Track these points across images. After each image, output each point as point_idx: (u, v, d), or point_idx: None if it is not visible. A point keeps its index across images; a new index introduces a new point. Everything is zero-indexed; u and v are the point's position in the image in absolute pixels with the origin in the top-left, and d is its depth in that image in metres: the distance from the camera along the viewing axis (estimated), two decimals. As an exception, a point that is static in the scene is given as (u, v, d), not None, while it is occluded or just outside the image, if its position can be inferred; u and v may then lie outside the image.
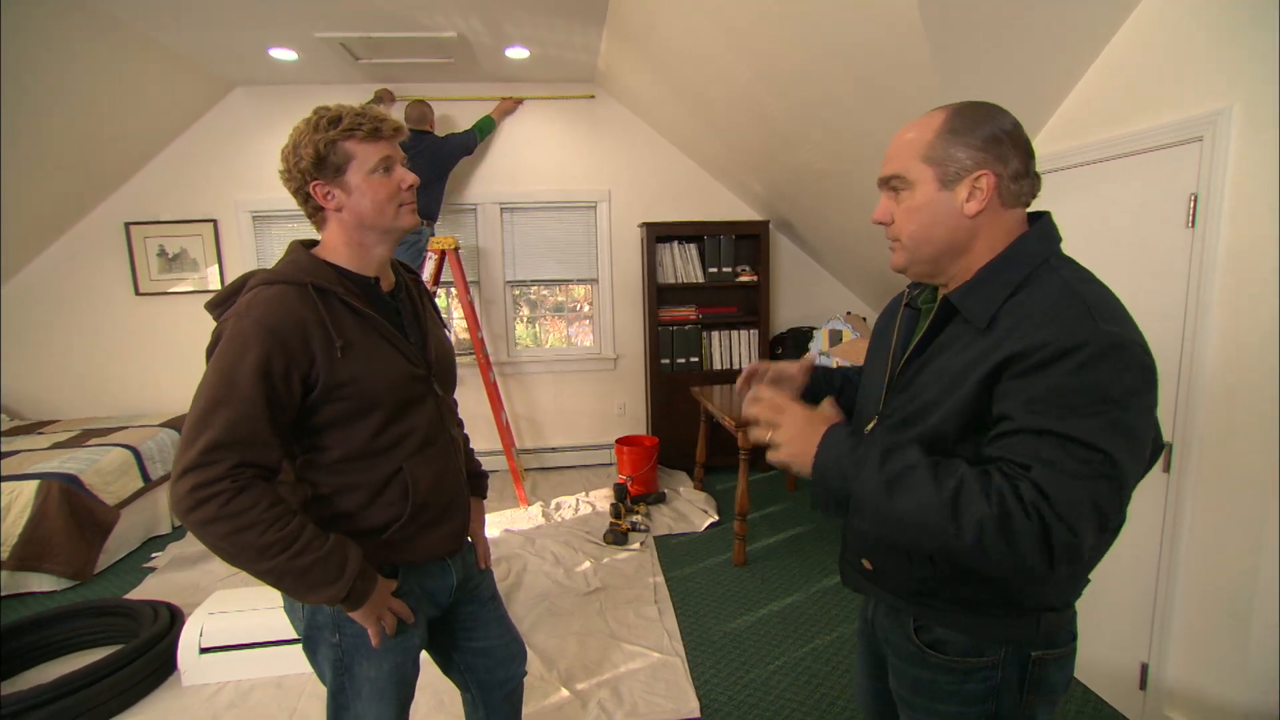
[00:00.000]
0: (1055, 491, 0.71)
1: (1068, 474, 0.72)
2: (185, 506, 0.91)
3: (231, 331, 0.96)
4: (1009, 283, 0.84)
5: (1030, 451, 0.74)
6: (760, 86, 2.80)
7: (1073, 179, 2.02)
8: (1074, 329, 0.75)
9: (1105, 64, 1.92)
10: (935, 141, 0.87)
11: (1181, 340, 1.68)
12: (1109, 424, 0.73)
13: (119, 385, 4.19)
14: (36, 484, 2.90)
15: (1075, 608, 0.95)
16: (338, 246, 1.10)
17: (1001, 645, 0.91)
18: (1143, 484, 1.80)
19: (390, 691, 1.13)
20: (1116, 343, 0.75)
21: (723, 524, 3.49)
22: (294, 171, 1.05)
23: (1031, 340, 0.76)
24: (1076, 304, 0.78)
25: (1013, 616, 0.90)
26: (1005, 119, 0.88)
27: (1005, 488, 0.73)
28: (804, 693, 2.12)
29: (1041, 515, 0.71)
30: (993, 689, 0.92)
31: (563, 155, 4.32)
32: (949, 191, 0.86)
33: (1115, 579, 1.94)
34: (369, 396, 1.04)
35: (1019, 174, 0.86)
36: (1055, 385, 0.74)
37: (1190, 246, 1.64)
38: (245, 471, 0.94)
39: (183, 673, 2.18)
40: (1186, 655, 1.74)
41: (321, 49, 3.45)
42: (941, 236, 0.88)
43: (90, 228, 4.03)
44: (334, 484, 1.06)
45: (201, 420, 0.93)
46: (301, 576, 0.96)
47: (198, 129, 4.03)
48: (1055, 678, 0.93)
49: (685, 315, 4.28)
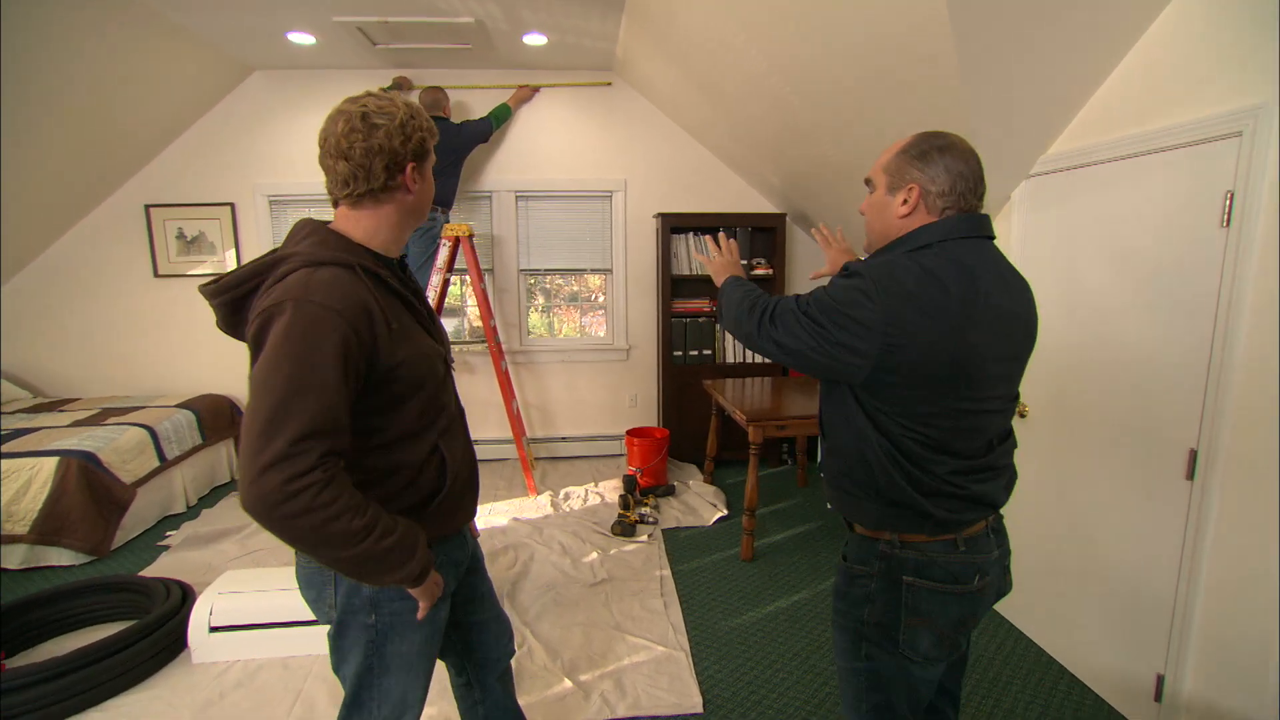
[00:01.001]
0: (779, 303, 1.19)
1: (789, 308, 1.16)
2: (275, 500, 0.87)
3: (295, 316, 0.92)
4: (888, 249, 1.17)
5: (795, 299, 1.18)
6: (778, 78, 2.75)
7: (1101, 175, 1.95)
8: (862, 265, 1.12)
9: (1138, 57, 1.84)
10: (893, 159, 1.18)
11: (1211, 342, 1.62)
12: (824, 298, 1.11)
13: (137, 365, 4.25)
14: (56, 460, 2.96)
15: (966, 555, 1.16)
16: (380, 228, 1.09)
17: (876, 560, 1.19)
18: (1163, 490, 1.77)
19: (418, 663, 1.16)
20: (862, 276, 1.09)
21: (732, 518, 3.47)
22: (399, 150, 1.05)
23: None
24: (884, 259, 1.12)
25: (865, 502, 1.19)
26: (945, 145, 1.13)
27: (769, 301, 1.21)
28: (808, 691, 2.09)
29: (765, 308, 1.20)
30: (867, 596, 1.20)
31: (579, 144, 4.29)
32: (891, 196, 1.17)
33: (1134, 586, 1.89)
34: (417, 376, 1.07)
35: (942, 192, 1.12)
36: (833, 283, 1.14)
37: (1224, 246, 1.58)
38: (330, 460, 0.92)
39: (192, 650, 2.21)
40: (1205, 668, 1.69)
41: (339, 33, 3.45)
42: (882, 227, 1.21)
43: (111, 210, 4.08)
44: (384, 465, 1.07)
45: (282, 410, 0.89)
46: (382, 559, 0.97)
47: (217, 112, 4.05)
48: (932, 609, 1.15)
49: (699, 307, 4.24)
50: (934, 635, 1.15)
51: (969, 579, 1.16)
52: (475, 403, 4.37)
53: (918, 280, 1.06)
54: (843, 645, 1.26)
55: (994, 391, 1.12)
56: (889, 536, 1.17)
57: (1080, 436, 2.07)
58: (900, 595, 1.16)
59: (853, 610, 1.22)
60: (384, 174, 1.05)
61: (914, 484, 1.12)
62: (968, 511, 1.15)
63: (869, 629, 1.20)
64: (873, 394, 1.11)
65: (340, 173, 1.04)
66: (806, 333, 1.10)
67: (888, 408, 1.11)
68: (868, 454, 1.14)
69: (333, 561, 0.95)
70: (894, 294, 1.05)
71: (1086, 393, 2.04)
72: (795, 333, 1.12)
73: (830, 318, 1.08)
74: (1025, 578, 2.34)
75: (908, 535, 1.16)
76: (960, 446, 1.12)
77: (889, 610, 1.17)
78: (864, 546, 1.21)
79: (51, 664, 1.93)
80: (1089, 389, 2.03)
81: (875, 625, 1.18)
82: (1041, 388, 2.23)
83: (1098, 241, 1.98)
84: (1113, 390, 1.95)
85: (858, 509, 1.21)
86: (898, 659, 1.18)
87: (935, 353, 1.05)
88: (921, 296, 1.05)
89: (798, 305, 1.13)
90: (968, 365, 1.07)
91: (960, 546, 1.16)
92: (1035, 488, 2.28)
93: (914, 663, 1.17)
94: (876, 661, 1.20)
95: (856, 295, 1.06)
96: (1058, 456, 2.17)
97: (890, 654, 1.18)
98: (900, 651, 1.17)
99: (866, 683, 1.22)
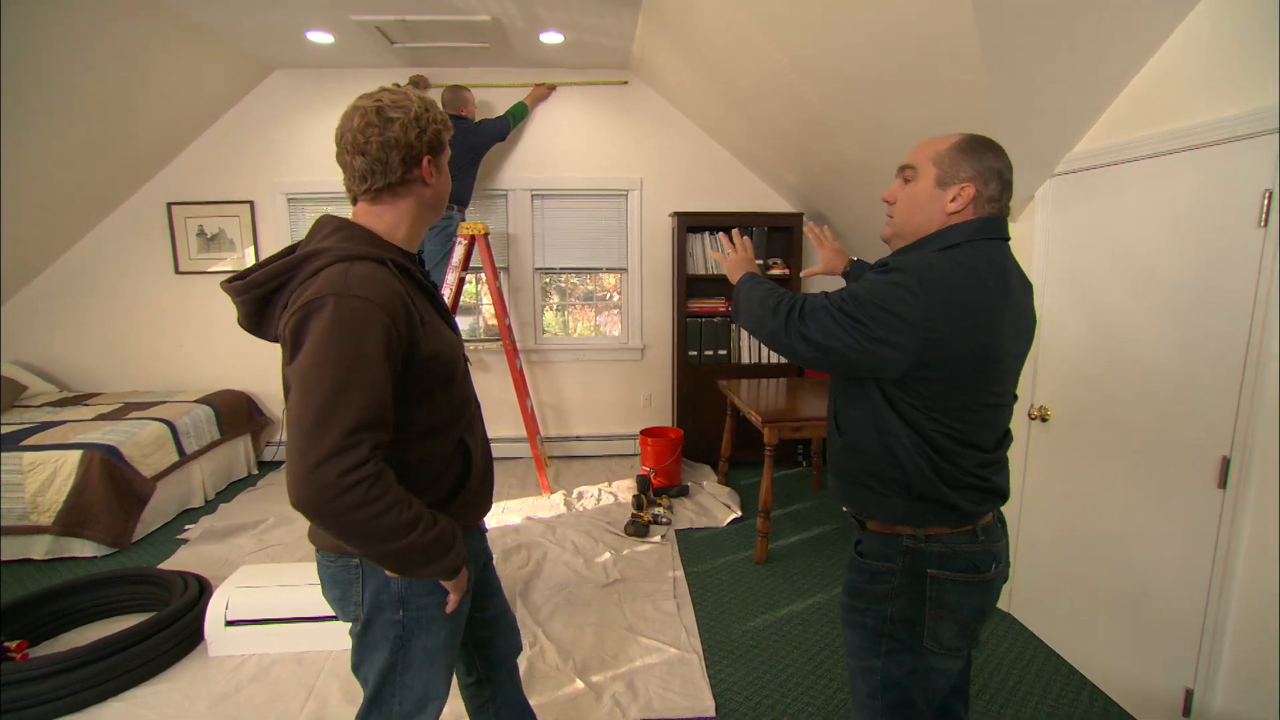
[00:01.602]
0: (809, 302, 1.15)
1: (820, 305, 1.13)
2: (331, 494, 0.87)
3: (339, 310, 0.92)
4: (918, 245, 1.17)
5: (824, 295, 1.16)
6: (796, 74, 2.71)
7: (1129, 174, 1.90)
8: (903, 262, 1.11)
9: (1169, 52, 1.79)
10: (945, 151, 1.15)
11: (1246, 346, 1.57)
12: (865, 295, 1.09)
13: (158, 361, 4.32)
14: (80, 453, 3.01)
15: (986, 544, 1.19)
16: (400, 223, 1.10)
17: (900, 556, 1.18)
18: (1194, 498, 1.72)
19: (441, 656, 1.16)
20: (910, 268, 1.08)
21: (745, 520, 3.44)
22: (414, 142, 1.04)
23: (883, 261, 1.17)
24: (925, 258, 1.10)
25: (889, 498, 1.18)
26: (999, 160, 1.14)
27: (796, 299, 1.17)
28: (823, 697, 2.06)
29: (793, 307, 1.16)
30: (889, 592, 1.19)
31: (595, 143, 4.28)
32: (941, 190, 1.14)
33: (1161, 597, 1.83)
34: (445, 369, 1.07)
35: (992, 199, 1.14)
36: (869, 280, 1.12)
37: (1261, 246, 1.52)
38: (379, 453, 0.93)
39: (209, 643, 2.23)
40: (1236, 683, 1.63)
41: (357, 32, 3.46)
42: (920, 221, 1.17)
43: (134, 209, 4.15)
44: (413, 458, 1.07)
45: (332, 403, 0.89)
46: (426, 551, 0.98)
47: (237, 111, 4.10)
48: (956, 600, 1.17)
49: (714, 307, 4.21)
50: (957, 626, 1.17)
51: (988, 567, 1.18)
52: (490, 401, 4.36)
53: (959, 277, 1.07)
54: (858, 643, 1.25)
55: (1008, 386, 1.18)
56: (911, 531, 1.18)
57: (1106, 441, 2.02)
58: (924, 589, 1.17)
59: (873, 607, 1.22)
60: (400, 167, 1.05)
61: (943, 477, 1.14)
62: (986, 503, 1.18)
63: (892, 625, 1.19)
64: (905, 389, 1.12)
65: (357, 168, 1.05)
66: (842, 329, 1.08)
67: (919, 402, 1.12)
68: (896, 450, 1.15)
69: (379, 555, 0.96)
70: (936, 290, 1.05)
71: (1112, 396, 1.99)
72: (830, 329, 1.10)
73: (869, 313, 1.07)
74: (1047, 585, 2.29)
75: (932, 529, 1.17)
76: (982, 439, 1.16)
77: (913, 605, 1.17)
78: (885, 543, 1.21)
79: (73, 654, 1.96)
80: (1115, 392, 1.98)
81: (899, 621, 1.19)
82: (1065, 390, 2.18)
83: (1125, 242, 1.93)
84: (1140, 394, 1.89)
85: (879, 505, 1.20)
86: (919, 654, 1.18)
87: (971, 348, 1.07)
88: (962, 293, 1.06)
89: (830, 302, 1.12)
90: (996, 360, 1.11)
91: (980, 536, 1.18)
92: (1057, 493, 2.22)
93: (936, 655, 1.18)
94: (897, 658, 1.20)
95: (899, 291, 1.06)
96: (1081, 461, 2.12)
97: (911, 649, 1.19)
98: (924, 646, 1.18)
99: (883, 679, 1.22)
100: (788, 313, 1.16)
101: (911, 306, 1.05)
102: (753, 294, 1.28)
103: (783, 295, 1.22)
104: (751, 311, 1.26)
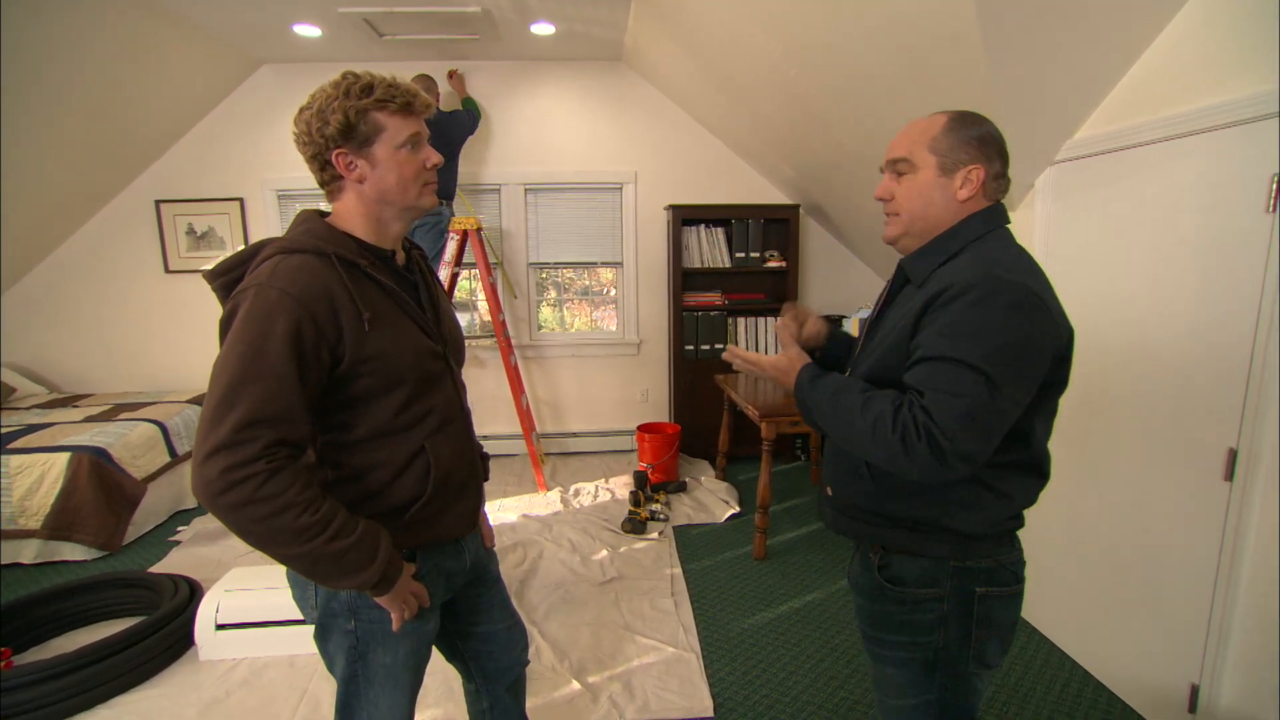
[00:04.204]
0: (940, 412, 0.90)
1: (950, 394, 0.90)
2: (216, 489, 0.84)
3: (254, 302, 0.90)
4: (947, 251, 1.04)
5: (928, 378, 0.93)
6: (792, 62, 2.66)
7: (1132, 160, 1.86)
8: (971, 273, 0.95)
9: (1171, 35, 1.74)
10: (941, 135, 1.04)
11: (1254, 335, 1.53)
12: (993, 350, 0.90)
13: (149, 361, 4.27)
14: (68, 456, 2.96)
15: (1020, 550, 1.10)
16: (355, 218, 1.05)
17: (947, 579, 1.05)
18: (1200, 491, 1.68)
19: (404, 676, 1.11)
20: (1002, 283, 0.92)
21: (744, 515, 3.41)
22: (315, 137, 0.99)
23: (943, 284, 0.97)
24: (982, 259, 0.98)
25: (943, 536, 1.04)
26: (994, 128, 1.05)
27: (908, 418, 0.92)
28: (823, 695, 2.04)
29: (931, 434, 0.90)
30: (939, 620, 1.06)
31: (589, 136, 4.23)
32: (947, 178, 1.04)
33: (1166, 592, 1.80)
34: (394, 372, 1.01)
35: (998, 174, 1.05)
36: (954, 318, 0.93)
37: (1270, 232, 1.48)
38: (280, 451, 0.88)
39: (199, 648, 2.20)
40: (1242, 679, 1.60)
41: (345, 24, 3.40)
42: (935, 214, 1.05)
43: (122, 206, 4.09)
44: (358, 464, 1.02)
45: (229, 396, 0.86)
46: (336, 561, 0.92)
47: (226, 107, 4.04)
48: (1001, 616, 1.07)
49: (711, 301, 4.17)
50: (999, 642, 1.08)
51: (1023, 575, 1.10)
52: (485, 398, 4.34)
53: (1027, 263, 0.98)
54: (904, 681, 1.11)
55: None
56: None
57: (1110, 435, 1.99)
58: (972, 609, 1.05)
59: (921, 639, 1.08)
60: (319, 166, 1.02)
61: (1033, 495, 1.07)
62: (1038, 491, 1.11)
63: (945, 654, 1.07)
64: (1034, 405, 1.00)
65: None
66: (1007, 403, 0.91)
67: (1044, 415, 1.04)
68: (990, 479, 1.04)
69: (283, 559, 0.91)
70: (1034, 297, 0.93)
71: (1117, 389, 1.95)
72: (989, 423, 0.91)
73: (1017, 369, 0.92)
74: (1050, 580, 2.26)
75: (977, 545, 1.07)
76: None
77: (962, 627, 1.06)
78: (925, 566, 1.07)
79: (58, 661, 1.92)
80: (1119, 385, 1.94)
81: (951, 649, 1.07)
82: (1069, 383, 2.14)
83: (1127, 230, 1.89)
84: (1145, 387, 1.85)
85: (923, 542, 1.07)
86: (965, 677, 1.08)
87: (1069, 332, 1.01)
88: (1045, 289, 0.97)
89: (953, 384, 0.90)
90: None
91: (1017, 544, 1.11)
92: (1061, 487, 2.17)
93: (980, 676, 1.09)
94: (952, 689, 1.09)
95: (1017, 319, 0.91)
96: (1085, 455, 2.08)
97: (961, 674, 1.08)
98: (969, 669, 1.08)
99: (939, 714, 1.10)
100: (902, 435, 0.91)
101: (1034, 328, 0.92)
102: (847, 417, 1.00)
103: (876, 414, 0.95)
104: (852, 432, 1.00)
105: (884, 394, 0.98)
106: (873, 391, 1.00)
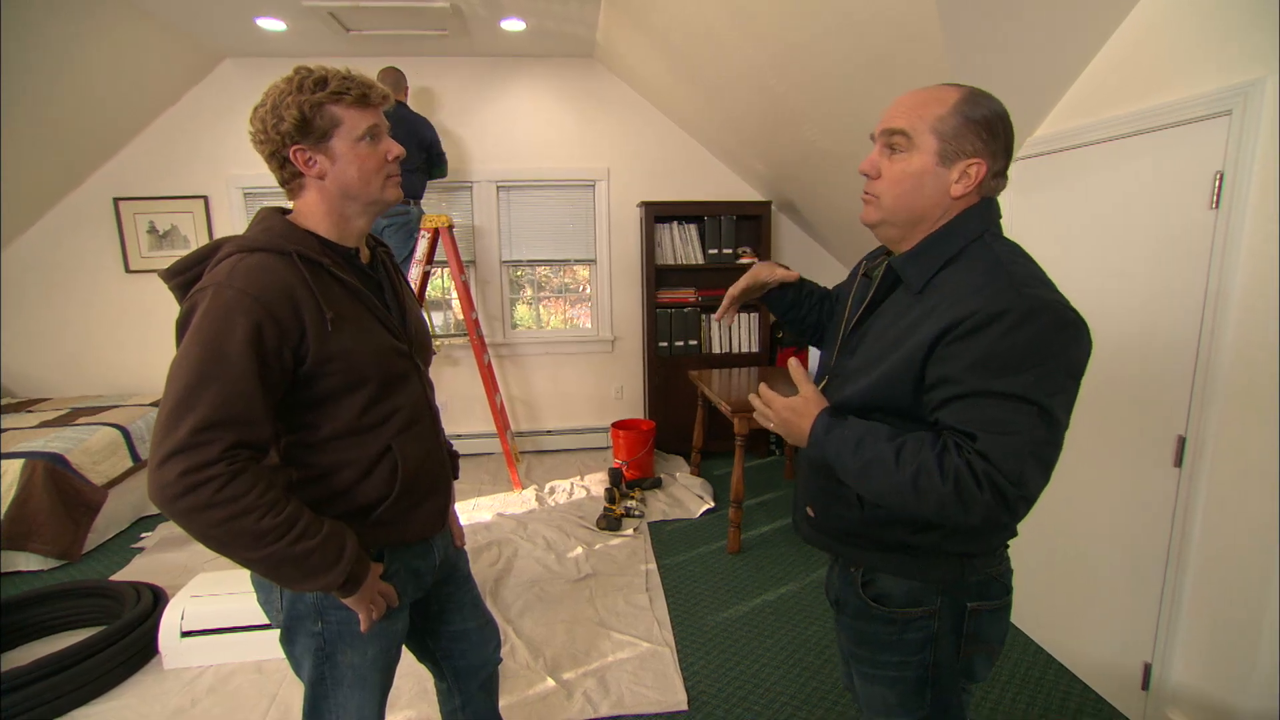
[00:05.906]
0: (999, 456, 0.81)
1: (1008, 434, 0.81)
2: (173, 493, 0.83)
3: (212, 302, 0.89)
4: (944, 254, 0.93)
5: (974, 417, 0.83)
6: (763, 61, 2.68)
7: (1089, 157, 1.91)
8: (999, 297, 0.84)
9: (1125, 35, 1.80)
10: (948, 117, 0.90)
11: (1200, 328, 1.59)
12: (1039, 378, 0.82)
13: (110, 364, 4.15)
14: (21, 463, 2.87)
15: (1008, 560, 1.04)
16: (317, 215, 1.03)
17: (937, 596, 0.99)
18: (1151, 477, 1.74)
19: (373, 678, 1.10)
20: (1038, 305, 0.83)
21: (719, 510, 3.43)
22: (271, 134, 0.97)
23: (963, 310, 0.85)
24: (1001, 275, 0.87)
25: (940, 559, 0.98)
26: (1004, 110, 0.93)
27: (960, 465, 0.82)
28: (795, 685, 2.07)
29: (993, 481, 0.80)
30: (929, 638, 1.01)
31: (560, 133, 4.21)
32: (944, 168, 0.91)
33: (1120, 574, 1.87)
34: (358, 371, 1.00)
35: (998, 173, 0.94)
36: (989, 349, 0.83)
37: (1213, 228, 1.54)
38: (241, 453, 0.87)
39: (164, 656, 2.15)
40: (1192, 657, 1.67)
41: (311, 19, 3.34)
42: (921, 206, 0.94)
43: (79, 202, 3.96)
44: (324, 463, 1.01)
45: (187, 398, 0.85)
46: (299, 563, 0.90)
47: (188, 101, 3.93)
48: (990, 630, 1.02)
49: (684, 297, 4.19)
50: (987, 656, 1.04)
51: (1011, 585, 1.05)
52: (458, 396, 4.31)
53: (1050, 283, 0.90)
54: (895, 700, 1.06)
55: None
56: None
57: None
58: (963, 624, 1.00)
59: (912, 658, 1.03)
60: (278, 164, 1.01)
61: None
62: None
63: (936, 671, 1.03)
64: None
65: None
66: (1061, 432, 0.84)
67: None
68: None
69: (245, 563, 0.90)
70: (1073, 315, 0.86)
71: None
72: (1049, 456, 0.83)
73: (1067, 393, 0.85)
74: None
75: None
76: None
77: (952, 643, 1.01)
78: (917, 585, 1.01)
79: (11, 674, 1.86)
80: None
81: (942, 665, 1.02)
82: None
83: (1084, 226, 1.94)
84: (1100, 378, 1.91)
85: (917, 565, 1.01)
86: (956, 692, 1.05)
87: None
88: (1061, 297, 0.90)
89: (1013, 425, 0.81)
90: None
91: (1006, 555, 1.05)
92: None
93: (967, 690, 1.06)
94: (940, 706, 1.05)
95: (1061, 342, 0.83)
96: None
97: (949, 689, 1.05)
98: (958, 684, 1.05)
99: None
100: (956, 484, 0.81)
101: (1078, 346, 0.86)
102: (875, 484, 0.90)
103: (918, 464, 0.85)
104: (878, 491, 0.90)
105: (916, 438, 0.87)
106: (903, 437, 0.88)
